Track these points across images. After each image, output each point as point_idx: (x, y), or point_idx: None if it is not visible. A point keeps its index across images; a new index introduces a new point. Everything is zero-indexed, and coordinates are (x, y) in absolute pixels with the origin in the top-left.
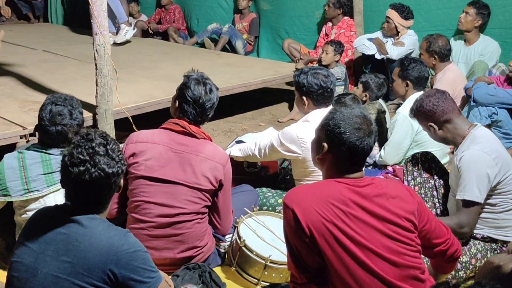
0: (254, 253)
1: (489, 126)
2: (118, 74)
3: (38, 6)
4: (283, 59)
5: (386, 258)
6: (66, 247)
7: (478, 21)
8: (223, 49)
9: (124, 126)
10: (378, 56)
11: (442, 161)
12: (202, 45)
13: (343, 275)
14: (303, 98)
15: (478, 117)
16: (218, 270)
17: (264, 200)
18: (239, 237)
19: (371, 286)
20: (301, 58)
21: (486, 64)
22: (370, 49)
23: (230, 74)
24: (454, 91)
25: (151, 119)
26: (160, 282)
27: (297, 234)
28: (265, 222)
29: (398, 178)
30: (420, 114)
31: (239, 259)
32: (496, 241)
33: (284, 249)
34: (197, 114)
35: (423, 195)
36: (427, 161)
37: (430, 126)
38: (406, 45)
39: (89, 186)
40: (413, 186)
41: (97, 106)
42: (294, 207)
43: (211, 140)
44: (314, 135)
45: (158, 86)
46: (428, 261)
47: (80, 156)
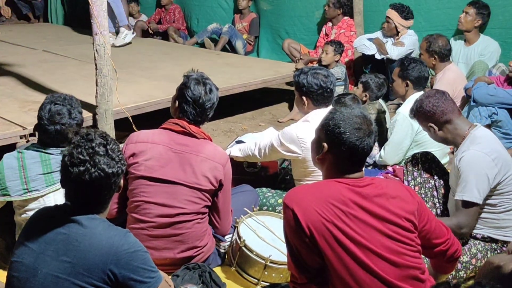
0: (254, 253)
1: (489, 126)
2: (118, 74)
3: (38, 6)
4: (283, 59)
5: (386, 258)
6: (66, 247)
7: (478, 21)
8: (223, 49)
9: (124, 126)
10: (378, 56)
11: (442, 161)
12: (202, 45)
13: (343, 275)
14: (303, 98)
15: (478, 117)
16: (218, 270)
17: (264, 200)
18: (239, 237)
19: (371, 286)
20: (301, 58)
21: (486, 64)
22: (370, 49)
23: (230, 74)
24: (454, 91)
25: (151, 119)
26: (160, 282)
27: (297, 234)
28: (265, 222)
29: (398, 178)
30: (420, 115)
31: (239, 259)
32: (496, 241)
33: (284, 249)
34: (197, 114)
35: (423, 195)
36: (427, 161)
37: (430, 126)
38: (406, 45)
39: (89, 186)
40: (413, 186)
41: (97, 106)
42: (294, 207)
43: (211, 140)
44: (314, 135)
45: (158, 86)
46: (428, 261)
47: (80, 156)
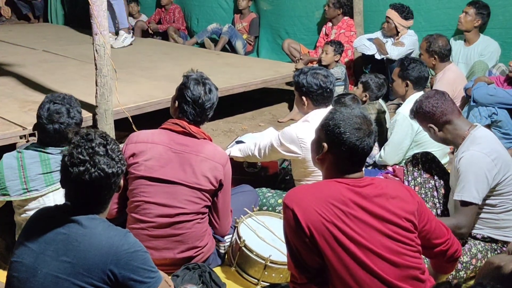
0: (254, 253)
1: (489, 126)
2: (118, 74)
3: (38, 6)
4: (283, 59)
5: (386, 258)
6: (66, 247)
7: (478, 21)
8: (223, 49)
9: (124, 126)
10: (378, 56)
11: (442, 161)
12: (202, 45)
13: (343, 275)
14: (303, 98)
15: (478, 117)
16: (218, 270)
17: (264, 200)
18: (239, 237)
19: (371, 286)
20: (301, 58)
21: (486, 64)
22: (370, 49)
23: (230, 74)
24: (454, 91)
25: (151, 119)
26: (160, 282)
27: (297, 234)
28: (265, 222)
29: (398, 178)
30: (419, 115)
31: (239, 259)
32: (496, 241)
33: (284, 249)
34: (196, 114)
35: (424, 196)
36: (428, 161)
37: (430, 127)
38: (406, 45)
39: (89, 186)
40: (413, 186)
41: (97, 106)
42: (294, 207)
43: (211, 140)
44: (314, 135)
45: (158, 86)
46: (428, 261)
47: (80, 156)
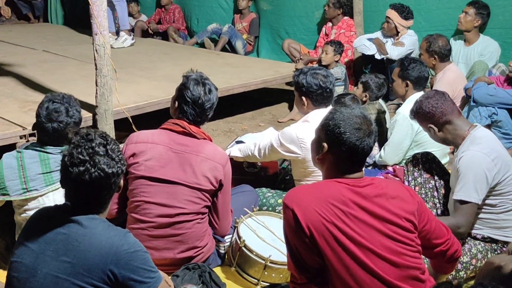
0: (254, 253)
1: (489, 126)
2: (117, 74)
3: (38, 6)
4: (283, 59)
5: (386, 258)
6: (66, 247)
7: (478, 21)
8: (223, 49)
9: (124, 126)
10: (378, 56)
11: (442, 161)
12: (202, 45)
13: (343, 275)
14: (303, 98)
15: (478, 117)
16: (218, 270)
17: (264, 200)
18: (239, 237)
19: (371, 286)
20: (301, 58)
21: (486, 64)
22: (370, 49)
23: (230, 74)
24: (454, 91)
25: (151, 119)
26: (160, 282)
27: (297, 234)
28: (265, 222)
29: (398, 178)
30: (419, 116)
31: (239, 259)
32: (496, 241)
33: (284, 249)
34: (196, 115)
35: (424, 196)
36: (428, 161)
37: (430, 127)
38: (406, 45)
39: (89, 186)
40: (413, 186)
41: (97, 106)
42: (294, 207)
43: (211, 140)
44: (314, 135)
45: (158, 86)
46: (428, 261)
47: (80, 156)
